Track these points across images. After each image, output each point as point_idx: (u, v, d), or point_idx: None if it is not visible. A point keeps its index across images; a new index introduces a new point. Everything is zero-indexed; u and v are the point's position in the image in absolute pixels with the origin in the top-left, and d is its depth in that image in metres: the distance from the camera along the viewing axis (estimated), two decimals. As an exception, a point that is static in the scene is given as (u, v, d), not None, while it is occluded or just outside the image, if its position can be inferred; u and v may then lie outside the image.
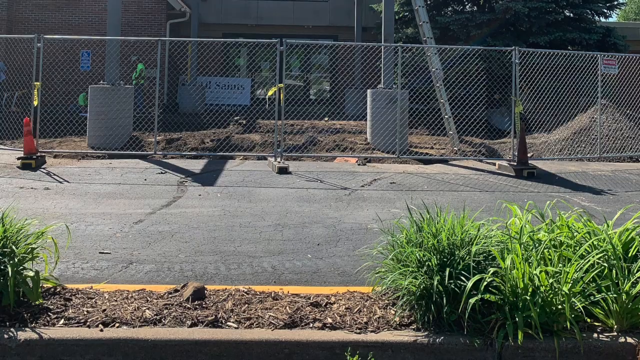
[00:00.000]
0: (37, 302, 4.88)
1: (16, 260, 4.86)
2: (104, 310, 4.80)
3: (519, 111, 13.64)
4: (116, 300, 5.03)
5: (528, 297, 4.46)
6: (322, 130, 17.60)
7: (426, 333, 4.55)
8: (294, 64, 28.47)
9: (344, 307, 5.00)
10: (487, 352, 4.45)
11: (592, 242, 4.94)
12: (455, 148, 15.10)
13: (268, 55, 26.33)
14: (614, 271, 4.70)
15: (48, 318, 4.67)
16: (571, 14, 21.95)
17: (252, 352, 4.44)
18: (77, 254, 6.70)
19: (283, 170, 12.18)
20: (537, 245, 5.07)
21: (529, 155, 13.35)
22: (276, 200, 9.68)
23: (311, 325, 4.69)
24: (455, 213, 5.29)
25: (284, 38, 13.95)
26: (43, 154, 12.98)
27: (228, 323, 4.67)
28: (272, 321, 4.68)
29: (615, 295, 4.58)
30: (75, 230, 7.54)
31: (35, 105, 13.26)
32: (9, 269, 4.69)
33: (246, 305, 4.98)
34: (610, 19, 23.94)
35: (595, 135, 15.10)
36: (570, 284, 4.53)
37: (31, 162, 12.25)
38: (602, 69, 15.30)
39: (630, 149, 15.29)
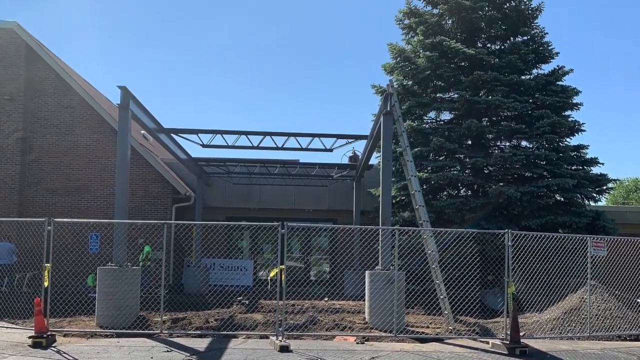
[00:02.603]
0: None
1: None
2: None
3: (511, 292, 14.33)
4: None
5: None
6: (322, 310, 18.31)
7: None
8: (295, 246, 29.57)
9: None
10: None
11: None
12: (450, 327, 15.72)
13: (270, 238, 27.48)
14: None
15: None
16: (562, 198, 23.31)
17: None
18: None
19: (284, 349, 12.83)
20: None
21: (521, 334, 14.00)
22: (278, 376, 10.32)
23: None
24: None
25: (285, 221, 14.63)
26: (53, 333, 13.67)
27: None
28: None
29: None
30: (90, 402, 8.20)
31: (46, 286, 13.97)
32: None
33: None
34: (599, 203, 25.22)
35: (585, 315, 15.85)
36: None
37: (42, 341, 12.94)
38: (592, 251, 16.13)
39: (619, 328, 15.96)
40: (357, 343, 14.14)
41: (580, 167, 24.23)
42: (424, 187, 22.76)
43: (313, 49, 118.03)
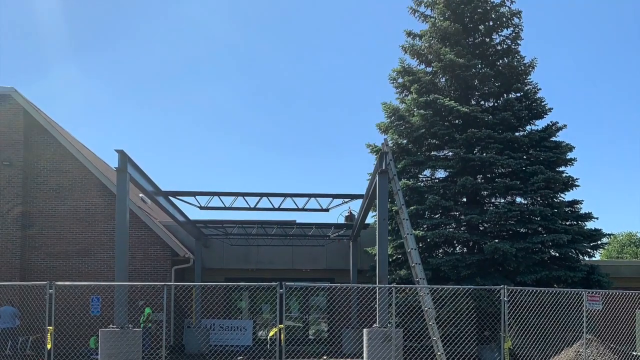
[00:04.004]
0: None
1: None
2: None
3: (507, 347, 14.79)
4: None
5: None
6: (321, 368, 18.70)
7: None
8: (293, 305, 29.98)
9: None
10: None
11: None
12: (448, 383, 16.14)
13: (268, 298, 27.89)
14: None
15: None
16: (557, 254, 23.86)
17: None
18: None
19: (284, 406, 13.32)
20: None
21: (518, 388, 14.47)
22: None
23: None
24: None
25: (283, 281, 15.05)
26: (58, 394, 14.12)
27: None
28: None
29: None
30: None
31: (49, 348, 14.43)
32: None
33: None
34: (594, 258, 25.75)
35: (581, 369, 16.31)
36: None
37: (46, 403, 13.43)
38: (587, 305, 16.63)
39: (614, 381, 16.42)
40: (356, 399, 14.58)
41: (575, 223, 24.84)
42: (420, 245, 23.14)
43: (307, 109, 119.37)
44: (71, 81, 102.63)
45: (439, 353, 16.59)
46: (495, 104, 26.62)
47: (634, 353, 17.85)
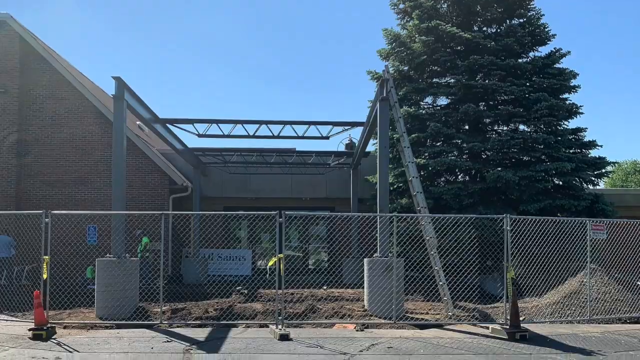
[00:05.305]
0: None
1: None
2: None
3: (510, 277, 14.40)
4: None
5: None
6: (321, 298, 18.46)
7: None
8: (293, 235, 29.67)
9: None
10: None
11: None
12: (449, 313, 15.81)
13: (268, 227, 27.56)
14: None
15: None
16: (560, 182, 23.40)
17: None
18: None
19: (284, 337, 12.96)
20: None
21: (521, 318, 14.10)
22: (278, 364, 10.42)
23: None
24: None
25: (283, 210, 14.63)
26: (53, 325, 13.79)
27: None
28: None
29: None
30: (92, 393, 8.31)
31: (45, 278, 14.08)
32: None
33: None
34: (598, 186, 25.27)
35: (585, 299, 15.97)
36: None
37: (42, 333, 13.04)
38: (591, 234, 16.23)
39: (619, 311, 16.10)
40: (357, 330, 14.27)
41: (579, 150, 24.38)
42: (422, 173, 22.80)
43: (307, 36, 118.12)
44: (67, 11, 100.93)
45: (440, 283, 16.28)
46: (498, 30, 26.00)
47: (639, 283, 17.46)
